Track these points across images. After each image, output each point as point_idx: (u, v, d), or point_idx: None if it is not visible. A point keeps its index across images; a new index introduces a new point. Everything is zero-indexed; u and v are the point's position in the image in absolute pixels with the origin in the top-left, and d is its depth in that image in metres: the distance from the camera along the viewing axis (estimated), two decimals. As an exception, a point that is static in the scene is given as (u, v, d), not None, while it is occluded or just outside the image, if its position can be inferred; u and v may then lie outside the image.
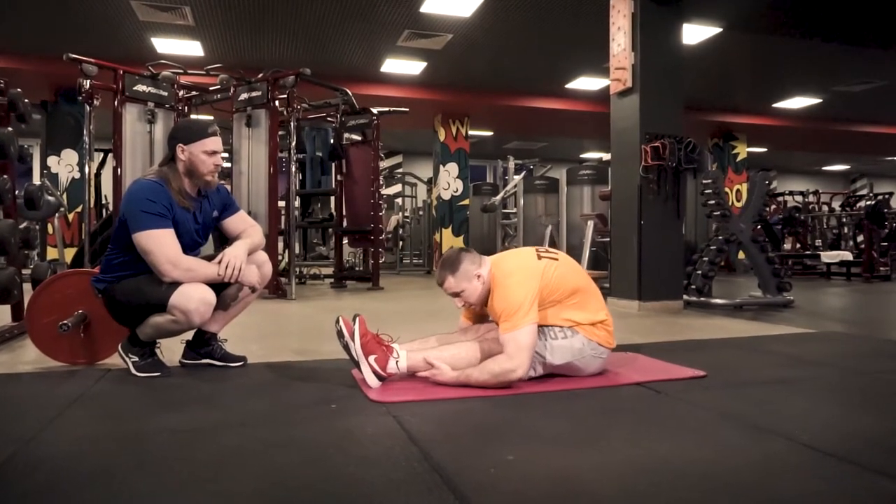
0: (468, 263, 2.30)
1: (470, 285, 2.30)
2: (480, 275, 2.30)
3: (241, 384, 2.33)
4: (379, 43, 7.79)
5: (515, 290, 2.17)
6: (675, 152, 4.89)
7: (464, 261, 2.30)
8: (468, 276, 2.29)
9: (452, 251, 2.38)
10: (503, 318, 2.16)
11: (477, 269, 2.30)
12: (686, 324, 4.23)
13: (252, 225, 2.60)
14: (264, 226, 6.03)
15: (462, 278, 2.29)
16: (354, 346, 2.20)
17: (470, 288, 2.30)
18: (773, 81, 9.70)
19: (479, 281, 2.30)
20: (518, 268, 2.27)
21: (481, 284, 2.30)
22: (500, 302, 2.19)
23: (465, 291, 2.30)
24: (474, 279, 2.29)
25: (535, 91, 10.04)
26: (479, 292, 2.30)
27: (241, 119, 6.23)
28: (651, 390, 2.20)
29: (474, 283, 2.30)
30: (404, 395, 2.10)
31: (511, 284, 2.20)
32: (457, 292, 2.32)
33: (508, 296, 2.17)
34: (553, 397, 2.11)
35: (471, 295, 2.31)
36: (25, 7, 6.71)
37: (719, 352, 3.10)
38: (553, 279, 2.26)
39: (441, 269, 2.34)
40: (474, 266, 2.30)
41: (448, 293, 2.35)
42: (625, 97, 5.14)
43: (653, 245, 4.95)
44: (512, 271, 2.26)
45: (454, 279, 2.29)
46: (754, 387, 2.31)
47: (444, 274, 2.31)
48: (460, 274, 2.29)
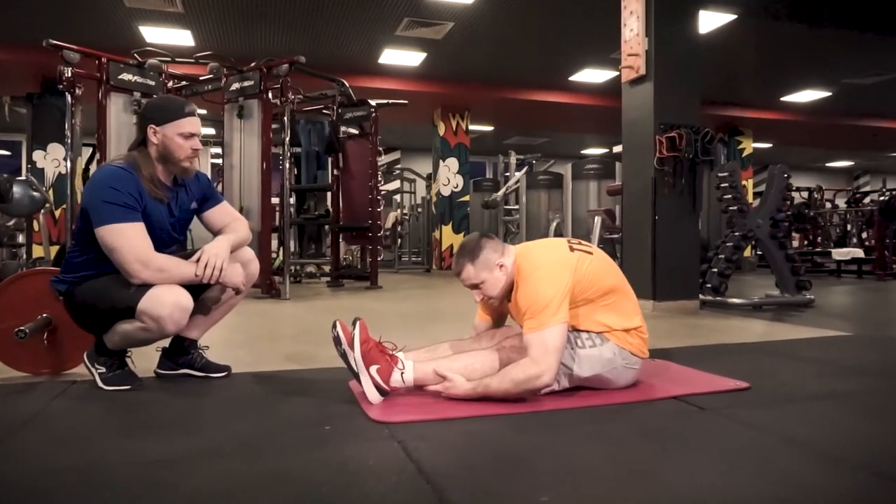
0: (490, 251, 2.01)
1: (491, 276, 2.01)
2: (503, 264, 2.01)
3: (222, 400, 2.05)
4: (377, 32, 7.48)
5: (544, 285, 1.90)
6: (691, 143, 4.60)
7: (485, 248, 2.01)
8: (489, 265, 2.00)
9: (472, 236, 2.09)
10: (529, 315, 1.88)
11: (499, 258, 2.01)
12: (706, 325, 3.95)
13: (237, 218, 2.31)
14: (256, 222, 5.75)
15: (482, 267, 2.00)
16: (353, 356, 1.91)
17: (491, 279, 2.01)
18: (782, 73, 9.42)
19: (501, 271, 2.01)
20: (548, 260, 1.99)
21: (504, 275, 2.02)
22: (525, 297, 1.92)
23: (485, 283, 2.02)
24: (496, 269, 2.01)
25: (538, 84, 9.74)
26: (502, 284, 2.02)
27: (233, 110, 5.94)
28: (692, 406, 1.92)
29: (496, 274, 2.01)
30: (410, 413, 1.82)
31: (539, 277, 1.92)
32: (476, 283, 2.03)
33: (536, 290, 1.90)
34: (582, 416, 1.83)
35: (492, 287, 2.02)
36: None
37: (753, 358, 2.82)
38: (587, 274, 1.98)
39: (458, 257, 2.05)
40: (496, 254, 2.02)
41: (465, 284, 2.06)
42: (637, 85, 4.86)
43: (668, 241, 4.67)
44: (541, 263, 1.98)
45: (473, 268, 2.01)
46: (805, 402, 2.03)
47: (462, 262, 2.02)
48: (480, 262, 2.00)
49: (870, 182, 20.04)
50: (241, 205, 5.86)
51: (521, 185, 8.60)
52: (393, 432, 1.64)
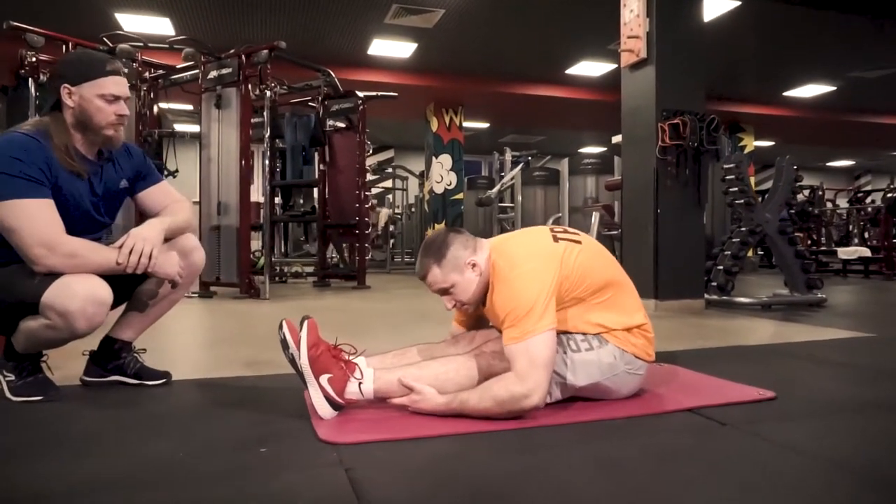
0: (459, 248, 1.69)
1: (462, 278, 1.69)
2: (476, 263, 1.69)
3: (149, 414, 1.72)
4: (365, 20, 7.17)
5: (525, 285, 1.57)
6: (696, 130, 4.29)
7: (452, 244, 1.69)
8: (459, 265, 1.68)
9: (438, 232, 1.76)
10: (509, 323, 1.55)
11: (471, 256, 1.69)
12: (714, 326, 3.64)
13: (178, 200, 1.99)
14: (236, 218, 5.43)
15: (451, 268, 1.68)
16: (300, 361, 1.59)
17: (462, 282, 1.69)
18: (786, 66, 9.13)
19: (473, 272, 1.69)
20: (528, 254, 1.66)
21: (477, 276, 1.69)
22: (504, 302, 1.59)
23: (455, 287, 1.69)
24: (467, 269, 1.69)
25: (533, 77, 9.44)
26: (475, 287, 1.70)
27: (210, 100, 5.61)
28: (711, 420, 1.60)
29: (467, 275, 1.69)
30: (367, 432, 1.49)
31: (519, 276, 1.59)
32: (444, 288, 1.70)
33: (516, 292, 1.57)
34: (580, 434, 1.51)
35: (463, 291, 1.70)
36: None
37: (773, 362, 2.50)
38: (576, 268, 1.65)
39: (422, 257, 1.72)
40: (467, 251, 1.69)
41: (433, 290, 1.73)
42: (638, 70, 4.54)
43: (671, 236, 4.36)
44: (520, 259, 1.64)
45: (440, 270, 1.68)
46: (844, 414, 1.71)
47: (426, 263, 1.70)
48: (448, 263, 1.68)
49: (871, 182, 19.78)
50: (218, 200, 5.54)
51: (517, 182, 8.29)
52: (342, 456, 1.32)
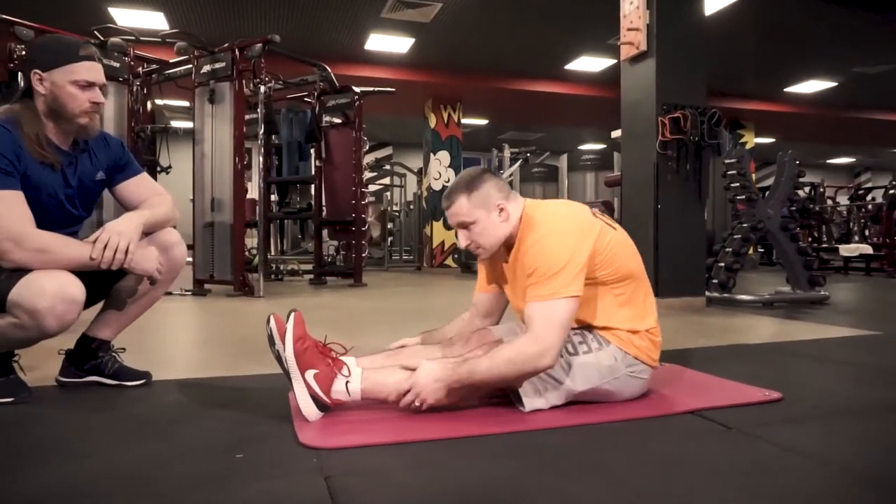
0: (492, 187, 1.63)
1: (487, 217, 1.62)
2: (504, 208, 1.63)
3: (124, 416, 1.63)
4: (362, 14, 7.07)
5: (561, 245, 1.52)
6: (697, 125, 4.21)
7: (487, 181, 1.64)
8: (487, 203, 1.62)
9: (475, 168, 1.71)
10: (535, 279, 1.51)
11: (502, 200, 1.63)
12: (716, 324, 3.56)
13: (158, 193, 1.90)
14: (229, 215, 5.34)
15: (478, 203, 1.62)
16: (285, 355, 1.50)
17: (486, 221, 1.62)
18: (787, 62, 9.03)
19: (500, 216, 1.63)
20: (569, 217, 1.62)
21: (502, 222, 1.63)
22: (535, 256, 1.54)
23: (477, 224, 1.63)
24: (494, 211, 1.62)
25: (532, 73, 9.33)
26: (498, 233, 1.64)
27: (204, 94, 5.51)
28: (716, 423, 1.51)
29: (493, 217, 1.63)
30: (352, 435, 1.41)
31: (555, 234, 1.55)
32: (466, 222, 1.63)
33: (549, 250, 1.52)
34: (579, 438, 1.43)
35: (484, 232, 1.63)
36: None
37: (777, 361, 2.42)
38: (608, 249, 1.60)
39: (453, 186, 1.67)
40: (499, 194, 1.64)
41: (454, 222, 1.66)
42: (638, 63, 4.46)
43: (671, 232, 4.28)
44: (559, 219, 1.61)
45: (467, 201, 1.62)
46: (852, 416, 1.63)
47: (456, 192, 1.64)
48: (477, 196, 1.62)
49: (871, 179, 19.69)
50: (212, 196, 5.46)
51: (515, 178, 8.20)
52: (323, 462, 1.24)
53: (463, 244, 1.68)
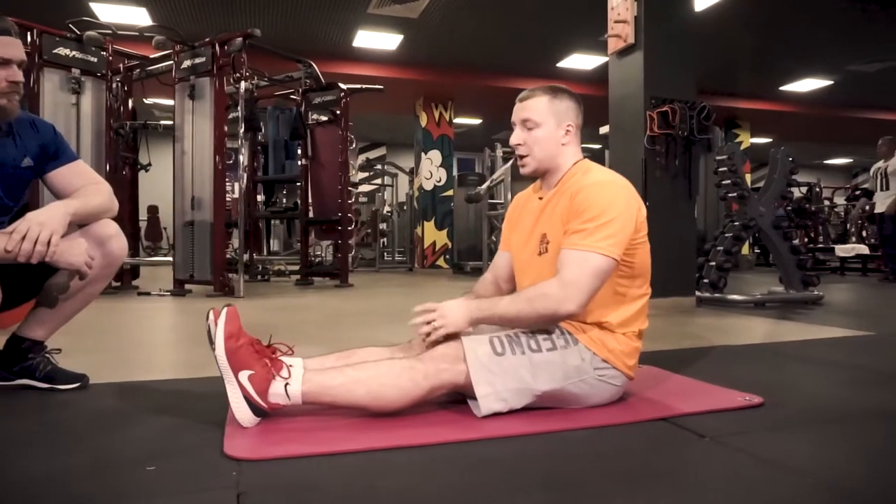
0: (574, 107, 1.62)
1: (554, 129, 1.59)
2: (571, 131, 1.61)
3: (45, 423, 1.50)
4: (348, 10, 6.94)
5: (617, 199, 1.49)
6: (686, 119, 4.09)
7: (571, 100, 1.62)
8: (561, 116, 1.59)
9: (563, 86, 1.65)
10: (583, 223, 1.46)
11: (573, 122, 1.61)
12: (704, 324, 3.43)
13: (94, 182, 1.77)
14: (209, 214, 5.21)
15: (555, 111, 1.59)
16: (215, 353, 1.37)
17: (551, 132, 1.59)
18: (782, 60, 8.92)
19: (565, 136, 1.60)
20: (627, 187, 1.56)
21: (561, 141, 1.60)
22: (588, 198, 1.49)
23: (541, 129, 1.58)
24: (563, 128, 1.60)
25: (524, 71, 9.21)
26: (553, 150, 1.60)
27: (184, 90, 5.38)
28: (689, 431, 1.38)
29: (557, 133, 1.59)
30: (286, 445, 1.28)
31: (618, 186, 1.53)
32: (534, 121, 1.58)
33: (608, 197, 1.49)
34: (534, 446, 1.30)
35: (543, 141, 1.59)
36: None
37: (764, 363, 2.29)
38: (642, 236, 1.58)
39: (540, 87, 1.62)
40: (577, 119, 1.62)
41: (520, 117, 1.60)
42: (626, 56, 4.34)
43: (660, 230, 4.10)
44: (619, 177, 1.58)
45: (548, 103, 1.58)
46: (838, 422, 1.50)
47: (539, 91, 1.61)
48: (558, 105, 1.59)
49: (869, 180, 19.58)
50: (192, 194, 5.32)
51: (506, 178, 8.06)
52: (243, 476, 1.11)
53: (515, 142, 1.62)
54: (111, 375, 1.93)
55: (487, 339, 1.46)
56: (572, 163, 1.62)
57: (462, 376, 1.43)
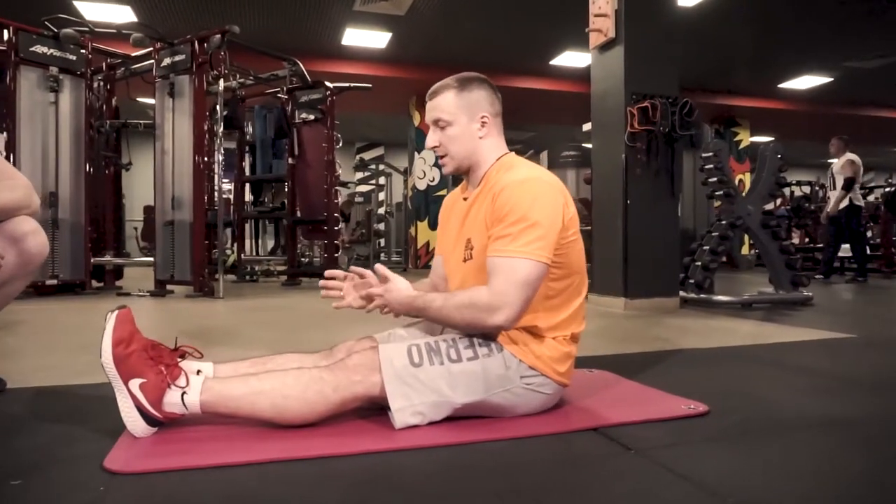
0: (485, 97, 1.49)
1: (467, 124, 1.48)
2: (487, 122, 1.49)
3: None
4: (334, 8, 6.87)
5: (540, 198, 1.37)
6: (667, 115, 3.98)
7: (483, 89, 1.50)
8: (473, 109, 1.48)
9: (473, 73, 1.52)
10: (507, 227, 1.35)
11: (488, 113, 1.49)
12: (682, 326, 3.32)
13: (9, 177, 1.68)
14: (189, 214, 5.14)
15: (464, 105, 1.47)
16: (101, 360, 1.28)
17: (464, 128, 1.48)
18: (780, 56, 8.78)
19: (481, 129, 1.49)
20: (552, 183, 1.43)
21: (478, 136, 1.49)
22: (509, 201, 1.37)
23: (453, 127, 1.47)
24: (476, 122, 1.48)
25: (516, 69, 9.11)
26: (470, 145, 1.49)
27: (164, 88, 5.32)
28: (617, 443, 1.28)
29: (471, 128, 1.48)
30: (170, 457, 1.19)
31: (542, 182, 1.40)
32: (444, 121, 1.48)
33: (527, 198, 1.36)
34: (444, 459, 1.20)
35: (457, 138, 1.48)
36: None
37: (729, 367, 2.19)
38: (572, 232, 1.44)
39: (445, 80, 1.51)
40: (489, 106, 1.50)
41: (431, 117, 1.51)
42: (607, 51, 4.23)
43: (642, 229, 4.04)
44: (544, 172, 1.46)
45: (455, 98, 1.47)
46: (786, 434, 1.39)
47: (445, 86, 1.49)
48: (467, 97, 1.47)
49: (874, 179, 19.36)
50: (173, 193, 5.25)
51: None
52: (110, 492, 1.02)
53: (430, 144, 1.53)
54: (42, 379, 1.84)
55: (405, 349, 1.37)
56: (495, 157, 1.52)
57: (377, 388, 1.33)
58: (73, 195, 5.21)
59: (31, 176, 4.94)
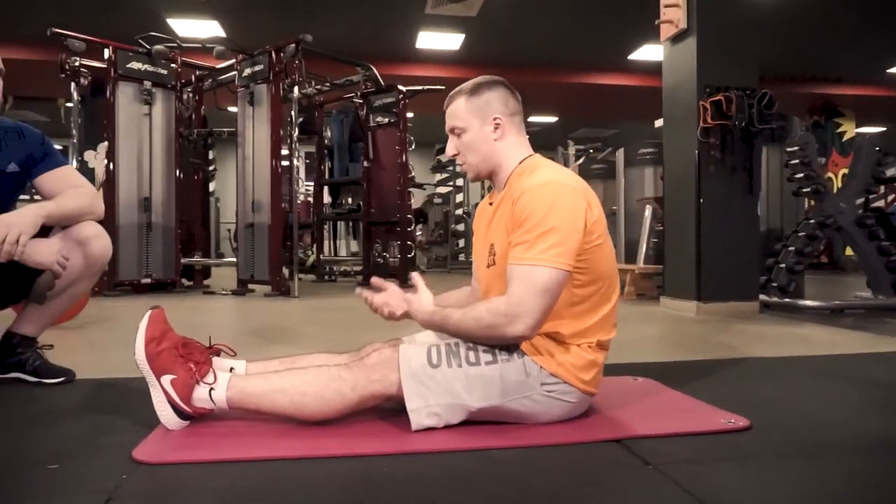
0: (497, 98, 1.46)
1: (480, 129, 1.45)
2: (500, 124, 1.45)
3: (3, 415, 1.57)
4: (406, 13, 6.98)
5: (559, 202, 1.32)
6: (743, 108, 3.74)
7: (494, 90, 1.46)
8: (485, 113, 1.45)
9: (491, 76, 1.51)
10: (526, 233, 1.32)
11: (501, 115, 1.45)
12: (755, 333, 3.12)
13: (75, 186, 1.83)
14: (267, 215, 5.39)
15: (476, 110, 1.45)
16: (135, 357, 1.37)
17: (477, 133, 1.45)
18: (888, 38, 8.01)
19: (494, 132, 1.45)
20: (573, 186, 1.37)
21: (493, 139, 1.45)
22: (528, 204, 1.34)
23: (467, 133, 1.46)
24: (489, 125, 1.45)
25: (594, 65, 8.89)
26: (486, 149, 1.46)
27: (245, 97, 5.61)
28: (637, 457, 1.22)
29: (485, 131, 1.45)
30: (194, 450, 1.25)
31: (555, 188, 1.34)
32: (458, 127, 1.46)
33: (545, 203, 1.32)
34: (458, 465, 1.19)
35: (472, 144, 1.46)
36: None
37: (790, 379, 2.03)
38: (595, 241, 1.38)
39: (459, 87, 1.49)
40: (503, 108, 1.46)
41: (448, 126, 1.49)
42: (678, 43, 4.04)
43: (716, 229, 3.83)
44: (567, 175, 1.41)
45: (465, 105, 1.45)
46: (834, 456, 1.27)
47: (457, 94, 1.48)
48: (477, 102, 1.45)
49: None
50: (253, 197, 5.53)
51: (574, 176, 7.81)
52: (131, 480, 1.09)
53: (449, 153, 1.52)
54: (107, 371, 1.99)
55: (426, 349, 1.37)
56: (517, 160, 1.47)
57: (394, 387, 1.34)
58: (164, 200, 5.60)
59: (126, 182, 5.38)
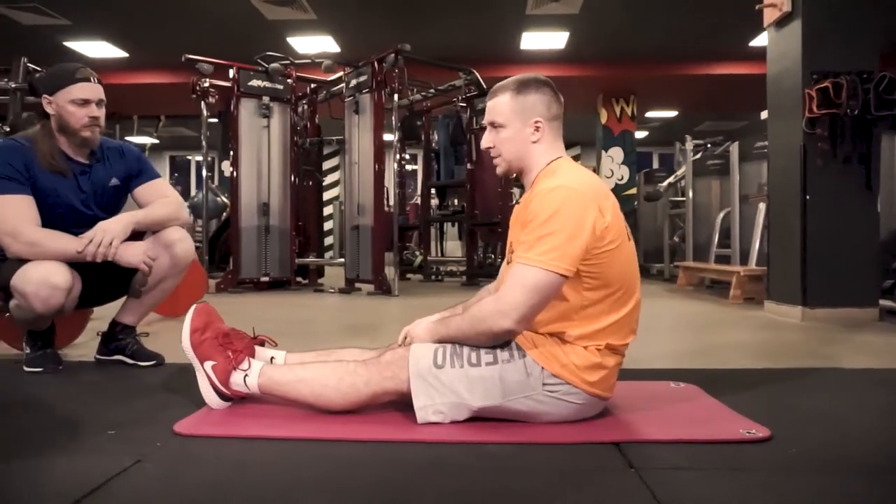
0: (541, 100, 1.48)
1: (520, 128, 1.48)
2: (541, 127, 1.48)
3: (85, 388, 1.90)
4: (507, 15, 7.01)
5: (565, 207, 1.35)
6: (857, 94, 3.39)
7: (540, 92, 1.48)
8: (527, 114, 1.47)
9: (535, 74, 1.55)
10: (528, 234, 1.37)
11: (542, 117, 1.47)
12: (864, 342, 2.84)
13: (164, 195, 2.12)
14: (370, 218, 5.69)
15: (519, 109, 1.47)
16: (182, 345, 1.57)
17: (517, 132, 1.48)
18: None
19: (535, 133, 1.48)
20: (584, 191, 1.39)
21: (531, 140, 1.48)
22: (537, 206, 1.38)
23: (507, 129, 1.48)
24: (529, 126, 1.48)
25: (713, 54, 8.34)
26: (522, 149, 1.49)
27: (351, 107, 5.97)
28: (626, 460, 1.21)
29: (525, 132, 1.48)
30: (226, 426, 1.43)
31: (564, 193, 1.37)
32: (498, 123, 1.49)
33: (551, 207, 1.35)
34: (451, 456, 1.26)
35: (509, 141, 1.49)
36: (177, 30, 7.25)
37: (860, 393, 1.85)
38: (606, 246, 1.38)
39: (504, 82, 1.52)
40: (546, 111, 1.48)
41: (488, 118, 1.53)
42: (783, 27, 3.75)
43: (825, 228, 3.51)
44: (583, 177, 1.44)
45: (510, 101, 1.48)
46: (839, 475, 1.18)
47: (503, 88, 1.50)
48: (522, 102, 1.47)
49: None
50: (358, 201, 5.86)
51: (688, 173, 7.41)
52: (164, 447, 1.30)
53: (485, 145, 1.55)
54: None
55: (433, 350, 1.44)
56: (545, 163, 1.50)
57: (405, 385, 1.43)
58: (280, 204, 6.11)
59: (247, 189, 5.94)
